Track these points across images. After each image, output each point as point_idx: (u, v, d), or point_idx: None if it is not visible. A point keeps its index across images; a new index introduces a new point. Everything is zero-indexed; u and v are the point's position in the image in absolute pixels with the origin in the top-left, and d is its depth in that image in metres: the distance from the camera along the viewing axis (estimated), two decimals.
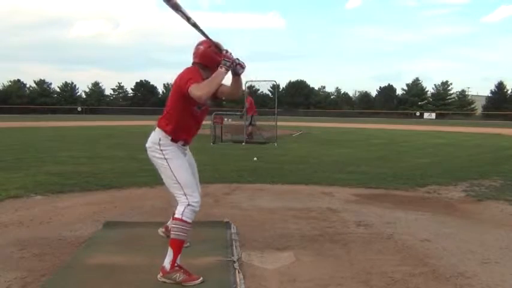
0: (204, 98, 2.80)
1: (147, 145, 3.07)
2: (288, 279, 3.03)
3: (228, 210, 4.94)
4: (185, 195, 2.94)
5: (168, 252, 2.90)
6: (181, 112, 2.99)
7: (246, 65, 2.97)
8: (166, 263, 2.89)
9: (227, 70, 2.86)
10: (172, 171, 2.96)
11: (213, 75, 2.86)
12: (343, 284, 2.96)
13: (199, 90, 2.76)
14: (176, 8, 2.82)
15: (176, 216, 2.93)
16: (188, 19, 2.86)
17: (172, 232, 2.93)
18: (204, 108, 3.11)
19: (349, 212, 5.05)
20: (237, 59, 2.92)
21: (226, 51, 2.88)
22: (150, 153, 3.06)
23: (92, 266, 3.19)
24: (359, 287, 2.92)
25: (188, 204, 2.92)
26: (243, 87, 3.10)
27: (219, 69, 2.84)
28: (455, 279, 3.05)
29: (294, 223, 4.52)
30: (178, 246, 2.89)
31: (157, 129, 3.05)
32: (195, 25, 2.89)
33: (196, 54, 3.08)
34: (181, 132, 3.05)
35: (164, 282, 2.88)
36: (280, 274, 3.11)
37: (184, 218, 2.89)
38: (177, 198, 2.98)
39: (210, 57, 3.01)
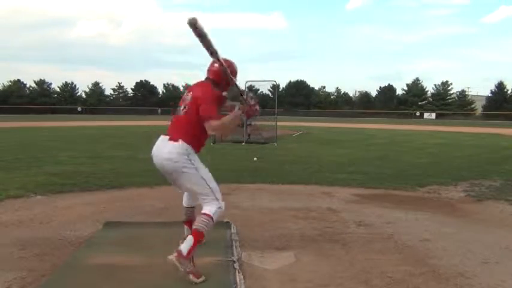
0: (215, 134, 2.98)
1: (170, 156, 3.01)
2: (288, 279, 3.03)
3: (228, 210, 4.90)
4: (216, 199, 3.11)
5: (188, 240, 2.96)
6: (201, 128, 3.07)
7: (260, 111, 3.23)
8: (184, 248, 2.92)
9: (243, 114, 3.17)
10: (203, 179, 3.09)
11: (231, 119, 3.11)
12: (343, 284, 2.96)
13: (215, 130, 3.07)
14: (201, 36, 2.82)
15: (207, 213, 3.05)
16: (212, 53, 2.94)
17: (198, 224, 3.02)
18: None
19: (349, 212, 5.05)
20: (257, 107, 3.20)
21: (251, 97, 3.16)
22: (176, 165, 3.02)
23: (92, 266, 3.18)
24: (359, 287, 2.93)
25: (219, 207, 3.10)
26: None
27: (238, 112, 3.12)
28: (455, 279, 3.05)
29: (294, 223, 4.52)
30: (199, 237, 2.99)
31: (180, 142, 3.02)
32: (218, 59, 3.00)
33: (211, 71, 3.23)
34: (200, 144, 3.19)
35: (174, 263, 2.86)
36: (280, 274, 3.11)
37: (214, 217, 3.06)
38: (207, 202, 3.09)
39: (224, 76, 3.16)
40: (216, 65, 3.15)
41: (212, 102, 3.06)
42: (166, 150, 3.04)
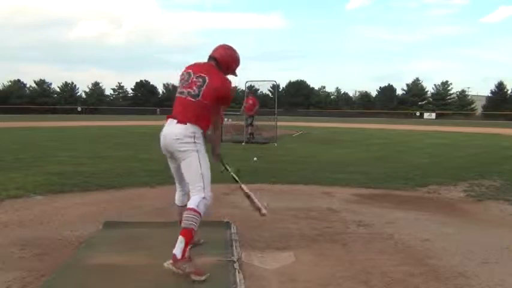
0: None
1: (175, 137, 3.07)
2: (288, 279, 3.02)
3: (228, 210, 4.94)
4: (203, 188, 3.05)
5: (179, 241, 2.91)
6: (213, 112, 3.21)
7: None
8: (178, 251, 2.89)
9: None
10: (199, 162, 3.07)
11: (216, 137, 3.45)
12: (343, 284, 2.96)
13: (217, 123, 3.37)
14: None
15: (191, 206, 2.99)
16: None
17: (184, 221, 2.96)
18: None
19: (349, 212, 5.04)
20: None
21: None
22: (179, 144, 3.07)
23: (92, 266, 3.18)
24: (359, 287, 2.92)
25: (203, 197, 3.03)
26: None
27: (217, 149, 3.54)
28: (455, 279, 3.05)
29: (294, 223, 4.52)
30: (190, 236, 2.94)
31: (188, 124, 3.08)
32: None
33: (222, 55, 3.31)
34: (209, 124, 3.25)
35: (171, 270, 2.87)
36: (280, 274, 3.11)
37: (198, 209, 2.98)
38: (194, 190, 3.06)
39: (231, 63, 3.35)
40: (229, 51, 3.34)
41: (231, 95, 3.28)
42: (176, 131, 3.08)
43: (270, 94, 53.14)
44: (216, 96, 3.14)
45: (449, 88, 69.69)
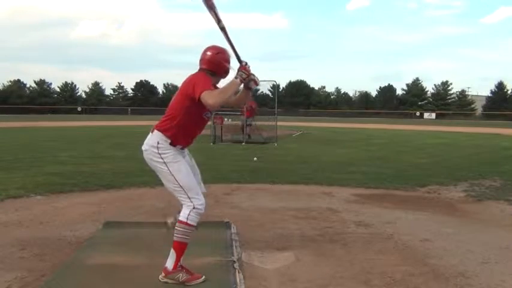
0: (216, 106, 2.83)
1: (143, 148, 2.98)
2: (288, 279, 3.03)
3: (228, 210, 4.94)
4: (189, 198, 2.89)
5: (171, 254, 2.89)
6: (187, 117, 2.91)
7: (259, 82, 3.03)
8: (169, 264, 2.89)
9: (241, 82, 2.90)
10: (173, 175, 2.89)
11: (227, 85, 2.90)
12: (343, 284, 2.96)
13: (212, 98, 2.73)
14: (211, 7, 2.88)
15: (181, 219, 2.88)
16: (218, 21, 2.92)
17: (175, 235, 2.89)
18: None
19: (349, 212, 5.05)
20: (253, 74, 2.94)
21: (246, 64, 2.91)
22: (147, 156, 2.97)
23: (92, 266, 3.19)
24: (359, 287, 2.93)
25: (194, 208, 2.88)
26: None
27: (234, 79, 2.88)
28: (455, 279, 3.05)
29: (294, 223, 4.52)
30: (181, 249, 2.89)
31: (155, 131, 2.94)
32: (223, 29, 2.93)
33: (204, 60, 3.01)
34: (182, 137, 2.96)
35: (166, 282, 2.88)
36: (280, 274, 3.11)
37: (189, 222, 2.86)
38: (182, 202, 2.92)
39: (218, 63, 2.99)
40: (208, 53, 3.00)
41: (205, 81, 2.84)
42: (144, 142, 2.99)
43: (270, 94, 53.18)
44: (186, 91, 2.87)
45: (449, 88, 69.68)
